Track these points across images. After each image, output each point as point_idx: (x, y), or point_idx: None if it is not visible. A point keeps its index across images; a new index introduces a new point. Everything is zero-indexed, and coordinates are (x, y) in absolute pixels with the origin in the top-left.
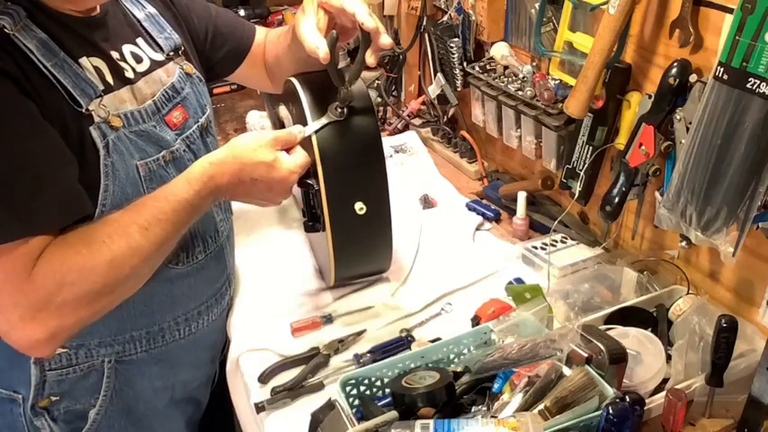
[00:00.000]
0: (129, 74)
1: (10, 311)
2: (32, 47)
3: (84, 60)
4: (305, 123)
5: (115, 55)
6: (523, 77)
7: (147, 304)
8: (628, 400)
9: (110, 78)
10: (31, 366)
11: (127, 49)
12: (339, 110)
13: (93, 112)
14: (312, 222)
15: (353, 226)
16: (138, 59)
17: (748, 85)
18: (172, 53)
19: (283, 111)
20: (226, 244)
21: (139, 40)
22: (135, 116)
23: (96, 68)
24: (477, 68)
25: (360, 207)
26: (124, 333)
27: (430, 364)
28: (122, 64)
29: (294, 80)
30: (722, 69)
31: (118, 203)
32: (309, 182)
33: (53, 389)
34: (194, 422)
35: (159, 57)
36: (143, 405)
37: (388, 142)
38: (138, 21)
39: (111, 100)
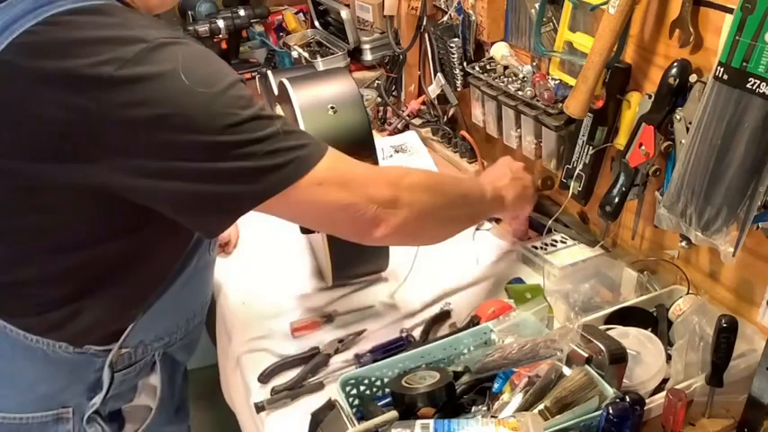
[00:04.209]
0: None
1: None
2: None
3: None
4: (297, 123)
5: None
6: (523, 77)
7: (194, 293)
8: (628, 400)
9: None
10: (104, 372)
11: None
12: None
13: None
14: None
15: None
16: None
17: (748, 85)
18: None
19: (280, 111)
20: None
21: None
22: None
23: None
24: (477, 68)
25: None
26: (173, 325)
27: (430, 364)
28: None
29: (286, 81)
30: (722, 69)
31: None
32: None
33: (115, 390)
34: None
35: None
36: (176, 393)
37: (388, 142)
38: None
39: None
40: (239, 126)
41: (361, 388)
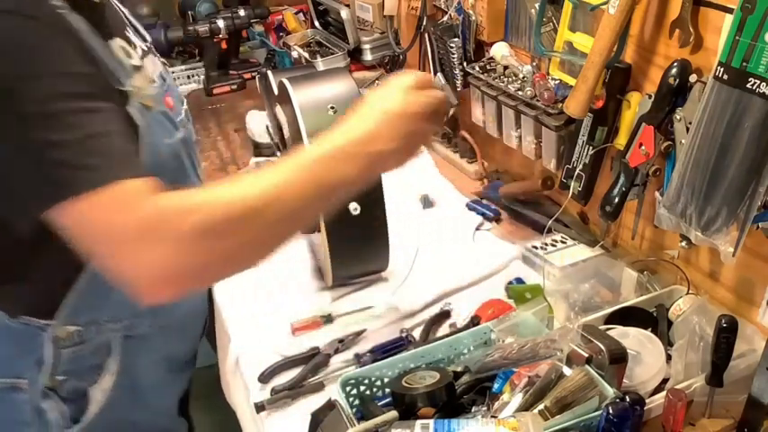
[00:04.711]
0: (139, 54)
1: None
2: (80, 28)
3: (112, 41)
4: (296, 124)
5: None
6: (523, 77)
7: None
8: (628, 400)
9: (134, 58)
10: (45, 346)
11: (128, 33)
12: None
13: (130, 92)
14: None
15: (348, 226)
16: (134, 46)
17: (748, 85)
18: (151, 46)
19: (280, 111)
20: None
21: (129, 30)
22: (156, 97)
23: (122, 48)
24: (477, 68)
25: (354, 207)
26: (133, 307)
27: (430, 364)
28: (130, 48)
29: (286, 81)
30: (722, 69)
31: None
32: None
33: (65, 367)
34: (180, 396)
35: (144, 47)
36: (144, 379)
37: None
38: (124, 13)
39: (139, 79)
40: (26, 121)
41: (361, 388)
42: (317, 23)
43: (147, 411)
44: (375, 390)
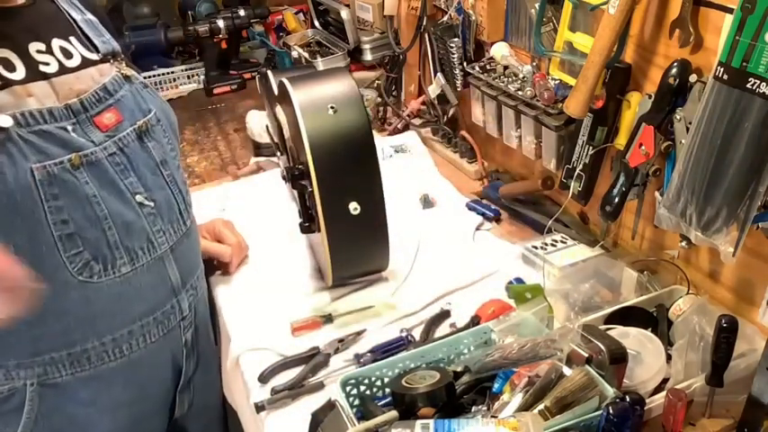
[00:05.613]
0: (51, 68)
1: None
2: None
3: None
4: (297, 124)
5: (37, 46)
6: (523, 77)
7: (61, 322)
8: (628, 400)
9: (19, 72)
10: None
11: (56, 43)
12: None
13: None
14: (308, 224)
15: (348, 226)
16: (68, 55)
17: (748, 85)
18: (109, 56)
19: (280, 111)
20: (168, 258)
21: (72, 39)
22: (39, 115)
23: (3, 60)
24: (477, 68)
25: (354, 207)
26: (42, 354)
27: (430, 364)
28: (43, 57)
29: (286, 81)
30: (722, 69)
31: (4, 209)
32: (303, 183)
33: None
34: None
35: (93, 56)
36: (73, 429)
37: (388, 142)
38: (75, 21)
39: (8, 95)
40: None
41: (361, 388)
42: (316, 23)
43: None
44: (375, 390)
